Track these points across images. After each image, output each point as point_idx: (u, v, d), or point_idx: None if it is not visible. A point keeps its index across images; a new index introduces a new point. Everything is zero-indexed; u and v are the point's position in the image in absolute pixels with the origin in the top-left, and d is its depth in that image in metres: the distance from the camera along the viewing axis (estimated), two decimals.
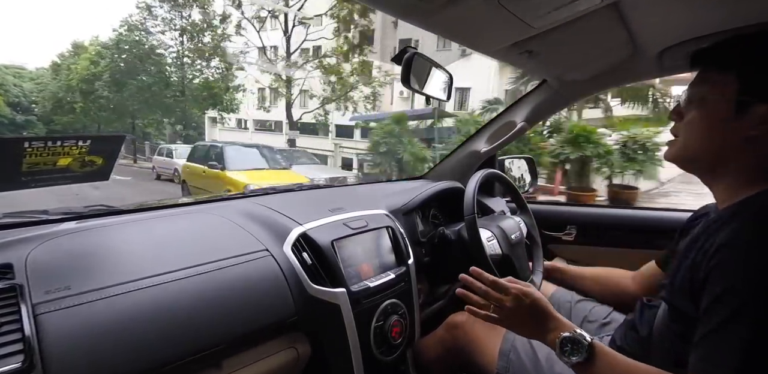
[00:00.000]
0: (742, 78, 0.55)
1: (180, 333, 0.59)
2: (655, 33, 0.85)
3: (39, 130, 26.08)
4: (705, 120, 0.59)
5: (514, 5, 0.65)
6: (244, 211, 0.89)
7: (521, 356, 0.78)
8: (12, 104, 25.40)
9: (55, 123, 24.23)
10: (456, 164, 1.48)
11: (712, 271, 0.50)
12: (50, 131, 25.68)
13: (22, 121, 25.93)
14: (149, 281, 0.61)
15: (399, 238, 0.98)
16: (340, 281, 0.79)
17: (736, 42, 0.59)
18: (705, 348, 0.49)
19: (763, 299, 0.46)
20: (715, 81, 0.58)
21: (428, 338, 0.98)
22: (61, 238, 0.67)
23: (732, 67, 0.56)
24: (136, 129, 21.24)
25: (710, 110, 0.58)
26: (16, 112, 25.77)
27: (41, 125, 26.60)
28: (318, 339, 0.78)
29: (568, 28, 0.77)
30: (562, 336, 0.59)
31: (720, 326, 0.48)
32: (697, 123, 0.60)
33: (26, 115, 26.23)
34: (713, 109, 0.58)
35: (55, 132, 24.37)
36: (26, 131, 26.03)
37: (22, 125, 26.21)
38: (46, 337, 0.50)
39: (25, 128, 26.70)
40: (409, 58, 0.82)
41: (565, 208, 1.54)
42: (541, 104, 1.27)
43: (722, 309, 0.48)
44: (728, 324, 0.47)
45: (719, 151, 0.58)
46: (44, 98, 23.01)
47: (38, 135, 20.88)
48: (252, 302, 0.69)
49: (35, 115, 25.70)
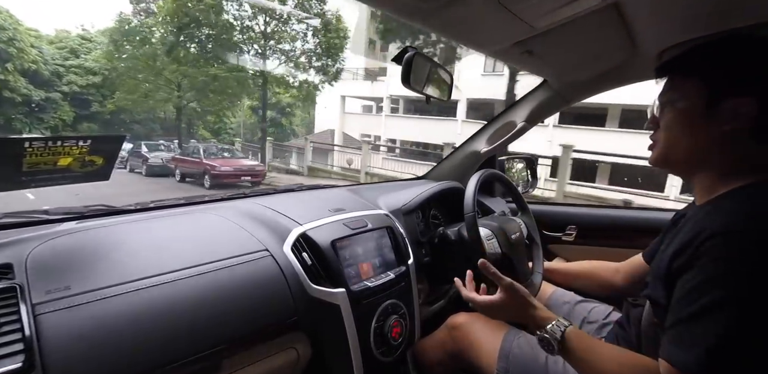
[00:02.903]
0: (707, 79, 0.59)
1: (180, 334, 0.59)
2: (655, 33, 0.85)
3: (64, 114, 18.46)
4: (680, 122, 0.62)
5: (515, 5, 0.65)
6: (244, 211, 0.89)
7: (521, 357, 0.78)
8: (27, 73, 17.01)
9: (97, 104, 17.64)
10: (456, 164, 1.48)
11: (689, 262, 0.52)
12: (85, 117, 18.90)
13: (41, 100, 17.65)
14: (149, 281, 0.61)
15: (399, 238, 0.98)
16: (340, 281, 0.79)
17: (696, 49, 0.63)
18: (677, 334, 0.51)
19: (743, 292, 0.48)
20: (683, 86, 0.62)
21: (428, 339, 0.98)
22: (61, 238, 0.67)
23: (695, 71, 0.61)
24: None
25: (683, 112, 0.62)
26: (34, 85, 17.34)
27: (67, 107, 18.62)
28: (318, 340, 0.78)
29: (568, 28, 0.77)
30: (539, 335, 0.64)
31: (697, 314, 0.49)
32: (674, 126, 0.63)
33: (47, 90, 17.84)
34: (686, 111, 0.61)
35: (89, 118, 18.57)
36: (46, 114, 18.01)
37: (40, 106, 17.74)
38: (46, 337, 0.49)
39: (43, 110, 18.00)
40: (410, 57, 0.82)
41: (565, 208, 1.54)
42: (541, 104, 1.27)
43: (701, 297, 0.50)
44: (706, 313, 0.49)
45: (699, 149, 0.61)
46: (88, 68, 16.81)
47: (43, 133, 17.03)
48: (252, 302, 0.69)
49: (60, 91, 18.22)
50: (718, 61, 0.60)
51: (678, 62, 0.65)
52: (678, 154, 0.64)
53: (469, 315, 0.91)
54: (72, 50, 19.29)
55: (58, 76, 18.59)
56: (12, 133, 16.63)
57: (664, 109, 0.64)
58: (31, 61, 16.95)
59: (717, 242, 0.50)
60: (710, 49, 0.62)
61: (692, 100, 0.60)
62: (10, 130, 16.97)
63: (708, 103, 0.59)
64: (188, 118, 16.92)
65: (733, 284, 0.48)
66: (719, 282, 0.49)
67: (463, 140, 1.47)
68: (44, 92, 17.79)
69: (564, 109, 1.31)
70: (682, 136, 0.63)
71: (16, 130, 17.24)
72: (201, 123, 19.76)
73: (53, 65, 18.45)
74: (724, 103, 0.57)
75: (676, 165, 0.66)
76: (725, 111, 0.57)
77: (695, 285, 0.51)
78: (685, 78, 0.62)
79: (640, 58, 0.96)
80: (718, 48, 0.61)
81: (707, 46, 0.62)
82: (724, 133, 0.58)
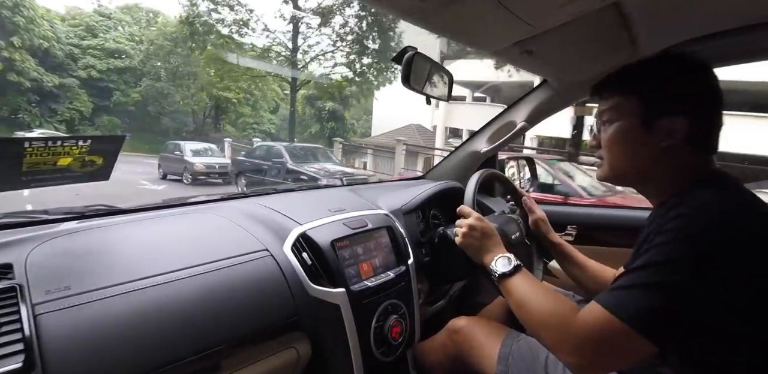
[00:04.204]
0: (643, 98, 0.62)
1: (180, 334, 0.59)
2: (655, 33, 0.85)
3: (82, 104, 14.87)
4: (620, 140, 0.66)
5: (515, 5, 0.65)
6: (244, 211, 0.89)
7: (520, 360, 0.79)
8: (37, 53, 13.38)
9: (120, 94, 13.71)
10: (456, 164, 1.48)
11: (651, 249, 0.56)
12: (104, 109, 14.99)
13: (54, 87, 14.21)
14: (149, 281, 0.61)
15: (399, 238, 0.98)
16: (340, 281, 0.79)
17: (634, 68, 0.66)
18: (622, 290, 0.55)
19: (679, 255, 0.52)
20: (620, 105, 0.65)
21: (428, 342, 0.98)
22: (61, 238, 0.67)
23: (633, 90, 0.64)
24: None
25: (622, 130, 0.65)
26: (45, 68, 13.85)
27: (85, 96, 14.99)
28: (318, 339, 0.78)
29: (569, 28, 0.77)
30: (500, 256, 0.75)
31: (633, 269, 0.55)
32: (614, 143, 0.66)
33: (61, 75, 14.39)
34: (624, 129, 0.65)
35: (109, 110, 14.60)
36: (60, 105, 14.56)
37: (53, 94, 14.27)
38: (46, 337, 0.49)
39: (56, 100, 14.42)
40: (410, 57, 0.82)
41: (565, 208, 1.54)
42: (541, 104, 1.27)
43: (643, 259, 0.54)
44: (639, 268, 0.54)
45: (641, 163, 0.65)
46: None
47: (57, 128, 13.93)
48: (252, 302, 0.69)
49: (76, 76, 14.91)
50: (651, 80, 0.63)
51: (614, 81, 0.67)
52: (622, 168, 0.67)
53: (469, 318, 0.92)
54: (88, 28, 15.61)
55: (72, 58, 14.99)
56: (19, 127, 13.60)
57: (604, 127, 0.68)
58: (42, 36, 13.27)
59: (679, 222, 0.54)
60: (645, 69, 0.65)
61: (629, 119, 0.64)
62: (16, 125, 13.83)
63: (643, 121, 0.62)
64: (222, 111, 14.23)
65: (670, 250, 0.52)
66: (670, 246, 0.53)
67: None
68: (57, 77, 14.26)
69: (564, 108, 1.31)
70: (623, 153, 0.66)
71: (24, 124, 14.09)
72: (233, 115, 16.03)
73: (67, 45, 14.76)
74: (659, 122, 0.61)
75: (623, 179, 0.70)
76: (660, 129, 0.61)
77: (651, 247, 0.55)
78: (620, 97, 0.65)
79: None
80: (652, 68, 0.64)
81: (641, 66, 0.65)
82: (663, 148, 0.61)
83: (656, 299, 0.51)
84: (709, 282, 0.50)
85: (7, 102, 13.71)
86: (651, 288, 0.52)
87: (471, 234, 0.79)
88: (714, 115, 0.62)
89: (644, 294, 0.52)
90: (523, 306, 0.67)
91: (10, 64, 12.91)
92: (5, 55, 12.65)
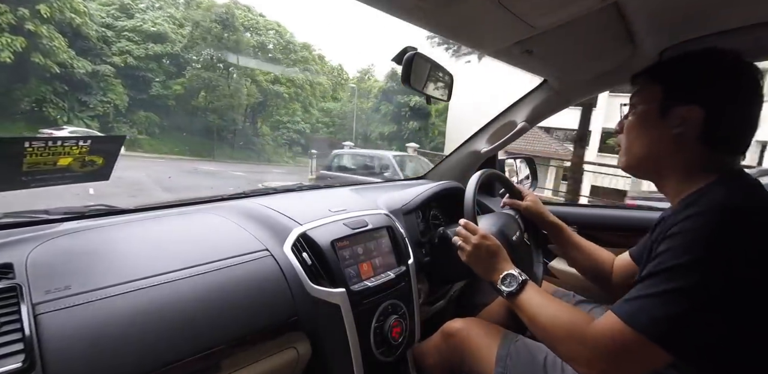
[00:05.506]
0: (666, 86, 0.65)
1: (180, 334, 0.59)
2: (655, 33, 0.85)
3: (117, 97, 11.95)
4: (637, 125, 0.69)
5: (515, 5, 0.65)
6: (244, 211, 0.89)
7: (518, 361, 0.78)
8: (67, 31, 10.42)
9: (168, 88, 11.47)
10: (456, 164, 1.48)
11: (659, 255, 0.56)
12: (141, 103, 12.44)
13: (85, 74, 11.31)
14: (149, 281, 0.61)
15: (399, 238, 0.98)
16: (340, 281, 0.79)
17: (667, 59, 0.69)
18: (635, 300, 0.55)
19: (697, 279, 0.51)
20: (647, 91, 0.68)
21: (424, 344, 0.97)
22: (61, 238, 0.67)
23: (659, 78, 0.67)
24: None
25: (641, 116, 0.68)
26: (75, 52, 10.99)
27: (120, 87, 11.99)
28: (318, 339, 0.78)
29: (569, 28, 0.77)
30: (505, 273, 0.74)
31: (649, 274, 0.54)
32: (632, 128, 0.69)
33: (93, 61, 11.59)
34: (643, 115, 0.68)
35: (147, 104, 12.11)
36: (92, 97, 11.63)
37: (83, 83, 11.39)
38: (46, 337, 0.49)
39: (87, 90, 11.49)
40: (410, 57, 0.82)
41: (565, 208, 1.54)
42: (541, 104, 1.27)
43: (659, 263, 0.54)
44: (654, 275, 0.54)
45: (655, 151, 0.67)
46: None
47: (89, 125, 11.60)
48: (252, 302, 0.69)
49: (110, 63, 12.11)
50: (678, 70, 0.66)
51: (647, 70, 0.70)
52: (635, 154, 0.69)
53: (465, 321, 0.91)
54: (122, 6, 13.12)
55: (105, 41, 12.19)
56: (44, 123, 10.85)
57: (629, 113, 0.70)
58: (74, 10, 10.41)
59: (686, 224, 0.54)
60: (678, 60, 0.67)
61: (649, 105, 0.67)
62: (40, 120, 11.04)
63: (661, 107, 0.65)
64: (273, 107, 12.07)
65: (678, 254, 0.52)
66: (677, 251, 0.53)
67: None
68: (90, 63, 11.52)
69: (564, 108, 1.31)
70: (637, 136, 0.69)
71: (50, 120, 11.37)
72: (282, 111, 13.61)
73: (100, 26, 12.25)
74: (675, 109, 0.63)
75: (638, 168, 0.71)
76: (675, 116, 0.63)
77: (659, 254, 0.55)
78: (648, 84, 0.68)
79: (640, 58, 0.96)
80: (686, 59, 0.66)
81: (679, 57, 0.67)
82: (674, 136, 0.63)
83: (668, 307, 0.51)
84: (717, 284, 0.50)
85: (30, 91, 10.87)
86: (661, 296, 0.52)
87: (477, 254, 0.78)
88: (743, 114, 0.61)
89: (656, 303, 0.52)
90: (536, 320, 0.67)
91: (35, 42, 9.94)
92: (30, 28, 9.71)
